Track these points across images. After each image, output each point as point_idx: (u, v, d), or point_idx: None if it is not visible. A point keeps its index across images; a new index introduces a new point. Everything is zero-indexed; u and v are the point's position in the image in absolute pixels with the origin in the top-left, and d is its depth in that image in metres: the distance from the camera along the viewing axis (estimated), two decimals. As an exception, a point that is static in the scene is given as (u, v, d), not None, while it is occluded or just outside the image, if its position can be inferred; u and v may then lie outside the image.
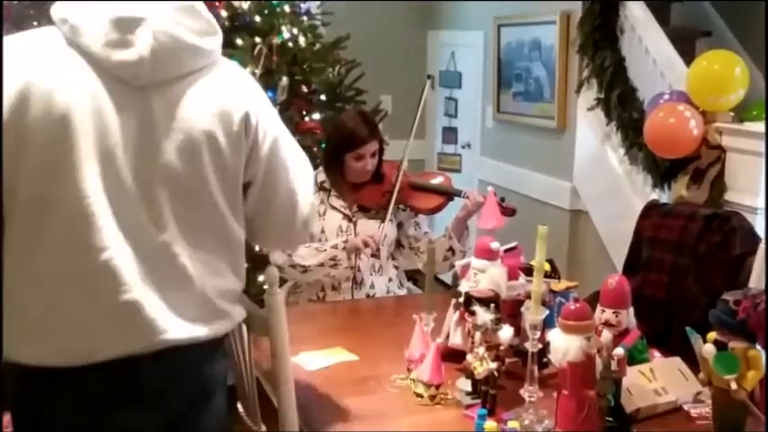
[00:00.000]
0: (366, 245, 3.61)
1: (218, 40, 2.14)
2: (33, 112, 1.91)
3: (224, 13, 4.89)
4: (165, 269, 2.05)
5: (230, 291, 2.19)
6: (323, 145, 4.40)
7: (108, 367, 1.99)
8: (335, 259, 3.65)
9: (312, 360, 2.86)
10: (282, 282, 3.65)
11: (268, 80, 4.96)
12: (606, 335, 2.35)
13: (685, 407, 2.49)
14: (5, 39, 1.97)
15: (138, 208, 2.01)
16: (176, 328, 2.05)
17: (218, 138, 2.08)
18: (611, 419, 2.27)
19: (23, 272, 1.97)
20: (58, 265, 1.96)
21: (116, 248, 1.98)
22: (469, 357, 2.48)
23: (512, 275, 2.78)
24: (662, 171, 4.43)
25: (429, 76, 4.16)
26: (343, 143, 3.74)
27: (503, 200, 3.55)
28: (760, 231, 3.09)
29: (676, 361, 2.63)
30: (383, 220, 3.75)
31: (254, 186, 2.22)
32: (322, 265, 3.65)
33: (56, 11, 2.00)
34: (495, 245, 2.74)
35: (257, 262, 4.44)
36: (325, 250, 3.66)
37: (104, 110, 1.97)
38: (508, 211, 3.55)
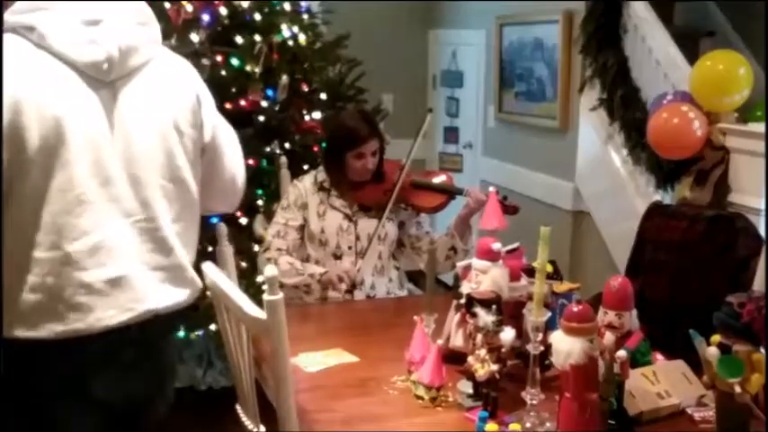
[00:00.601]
0: (341, 280, 3.61)
1: (158, 29, 2.43)
2: (27, 121, 2.12)
3: (224, 11, 4.88)
4: (150, 243, 2.33)
5: (193, 260, 2.51)
6: (323, 144, 4.38)
7: (101, 337, 2.24)
8: (309, 287, 3.67)
9: (311, 361, 2.85)
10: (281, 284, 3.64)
11: (268, 79, 4.95)
12: (609, 337, 2.34)
13: (689, 410, 2.48)
14: None
15: (123, 190, 2.28)
16: (161, 296, 2.35)
17: (180, 119, 2.41)
18: (613, 422, 2.26)
19: (23, 256, 2.17)
20: (58, 248, 2.18)
21: (107, 229, 2.24)
22: (471, 359, 2.47)
23: (513, 277, 2.77)
24: (665, 172, 4.42)
25: (430, 110, 4.14)
26: (344, 142, 3.73)
27: (505, 198, 3.54)
28: (764, 233, 3.07)
29: (680, 364, 2.62)
30: (380, 219, 3.74)
31: (204, 157, 2.54)
32: (296, 287, 3.65)
33: (17, 20, 2.21)
34: (496, 246, 2.72)
35: (256, 263, 4.44)
36: (303, 275, 3.67)
37: (85, 106, 2.23)
38: (510, 210, 3.54)
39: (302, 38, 5.25)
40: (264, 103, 4.93)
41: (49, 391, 2.26)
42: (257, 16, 5.01)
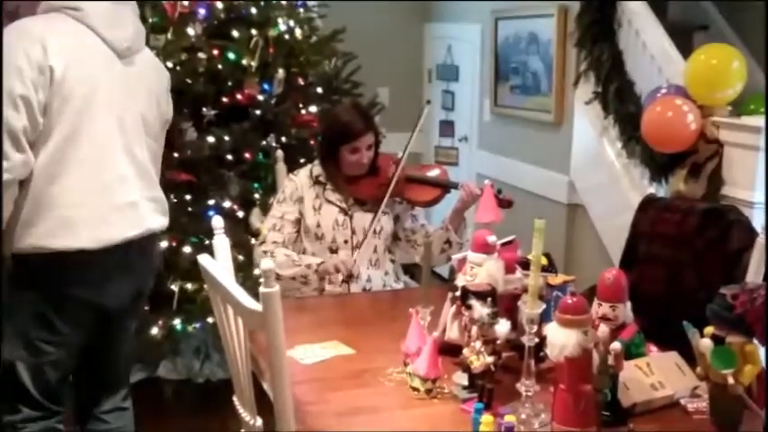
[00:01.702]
0: (337, 270, 3.61)
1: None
2: (73, 79, 2.86)
3: (220, 5, 4.89)
4: (146, 179, 3.17)
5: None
6: (319, 138, 4.38)
7: (113, 249, 2.99)
8: (306, 278, 3.67)
9: (308, 353, 2.86)
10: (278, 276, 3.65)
11: (264, 73, 4.96)
12: (603, 329, 2.35)
13: (682, 401, 2.48)
14: (36, 20, 2.94)
15: (132, 139, 3.09)
16: (155, 219, 3.22)
17: (161, 95, 3.28)
18: (607, 414, 2.27)
19: (57, 185, 2.86)
20: (86, 179, 2.92)
21: (122, 167, 3.04)
22: (466, 351, 2.48)
23: (509, 269, 2.78)
24: (659, 165, 4.43)
25: (428, 101, 4.14)
26: (339, 136, 3.73)
27: (500, 192, 3.54)
28: (757, 225, 3.09)
29: (673, 355, 2.62)
30: (376, 213, 3.75)
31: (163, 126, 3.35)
32: (293, 278, 3.66)
33: (69, 5, 2.94)
34: (491, 239, 2.73)
35: (253, 256, 4.45)
36: (300, 266, 3.67)
37: (110, 73, 3.01)
38: (505, 203, 3.55)
39: (298, 32, 5.26)
40: (261, 97, 4.94)
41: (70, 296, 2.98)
42: (253, 10, 5.02)
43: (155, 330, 4.61)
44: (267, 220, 3.84)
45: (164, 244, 4.56)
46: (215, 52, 4.82)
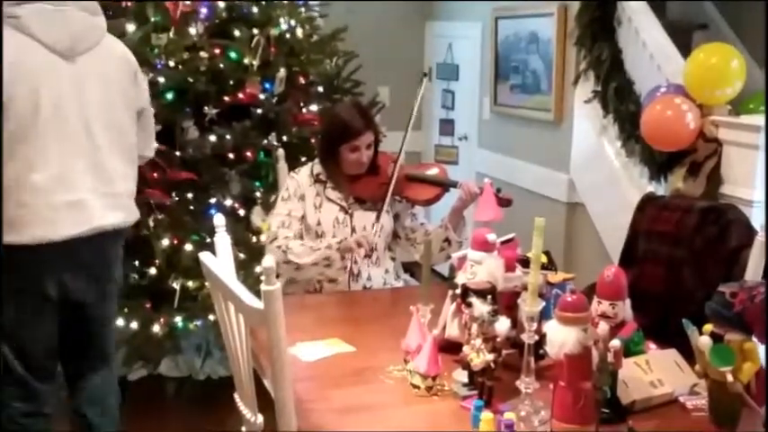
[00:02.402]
0: (360, 245, 3.61)
1: (104, 18, 3.30)
2: (20, 91, 3.01)
3: (221, 5, 4.90)
4: (101, 176, 3.22)
5: (132, 192, 3.42)
6: (319, 137, 4.39)
7: (56, 246, 3.10)
8: (329, 259, 3.66)
9: (309, 351, 2.87)
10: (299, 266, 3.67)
11: (266, 72, 4.97)
12: (602, 327, 2.36)
13: (681, 399, 2.49)
14: None
15: (82, 138, 3.16)
16: (107, 216, 3.25)
17: (124, 79, 3.33)
18: (607, 411, 2.28)
19: (22, 182, 3.04)
20: (24, 180, 3.04)
21: (65, 166, 3.12)
22: (466, 349, 2.49)
23: (508, 267, 2.79)
24: (658, 164, 4.44)
25: (425, 73, 4.15)
26: (338, 135, 3.74)
27: (499, 190, 3.54)
28: (756, 224, 3.10)
29: (672, 353, 2.63)
30: (379, 212, 3.75)
31: (139, 113, 3.45)
32: (315, 263, 3.66)
33: (7, 13, 3.03)
34: (491, 237, 2.74)
35: (254, 253, 4.46)
36: (319, 249, 3.66)
37: (54, 74, 3.10)
38: (504, 202, 3.55)
39: (299, 31, 5.27)
40: (262, 96, 4.95)
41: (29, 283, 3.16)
42: (254, 9, 5.03)
43: (156, 328, 4.62)
44: (274, 219, 3.83)
45: (165, 242, 4.58)
46: (217, 51, 4.83)
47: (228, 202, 4.77)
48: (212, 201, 4.77)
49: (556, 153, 5.69)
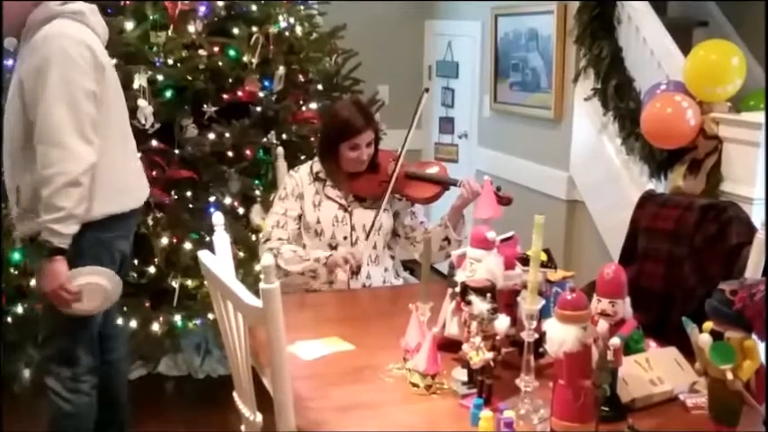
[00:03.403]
0: (346, 262, 3.61)
1: None
2: (109, 70, 3.43)
3: (220, 3, 4.90)
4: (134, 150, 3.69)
5: None
6: (319, 134, 4.39)
7: (134, 212, 3.57)
8: (315, 272, 3.67)
9: (308, 349, 2.86)
10: (287, 272, 3.66)
11: (265, 70, 4.96)
12: (602, 325, 2.35)
13: (681, 397, 2.49)
14: (64, 27, 3.24)
15: (126, 115, 3.62)
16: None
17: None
18: (606, 409, 2.27)
19: (105, 161, 3.29)
20: (122, 153, 3.50)
21: (132, 140, 3.65)
22: (465, 347, 2.48)
23: (508, 265, 2.78)
24: (658, 161, 4.44)
25: (426, 89, 4.14)
26: (338, 133, 3.73)
27: (498, 189, 3.54)
28: (756, 221, 3.09)
29: (672, 351, 2.63)
30: (378, 210, 3.75)
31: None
32: (302, 273, 3.66)
33: (71, 9, 3.29)
34: (491, 235, 2.73)
35: (253, 252, 4.45)
36: (308, 261, 3.67)
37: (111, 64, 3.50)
38: (504, 201, 3.54)
39: (298, 29, 5.27)
40: (261, 94, 4.94)
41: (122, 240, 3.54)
42: (253, 7, 5.03)
43: (155, 327, 4.62)
44: (270, 218, 3.83)
45: (164, 240, 4.58)
46: (215, 49, 4.82)
47: (228, 201, 4.77)
48: (211, 199, 4.77)
49: (556, 151, 5.69)
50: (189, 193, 4.77)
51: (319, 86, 5.40)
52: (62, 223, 3.14)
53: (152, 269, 4.67)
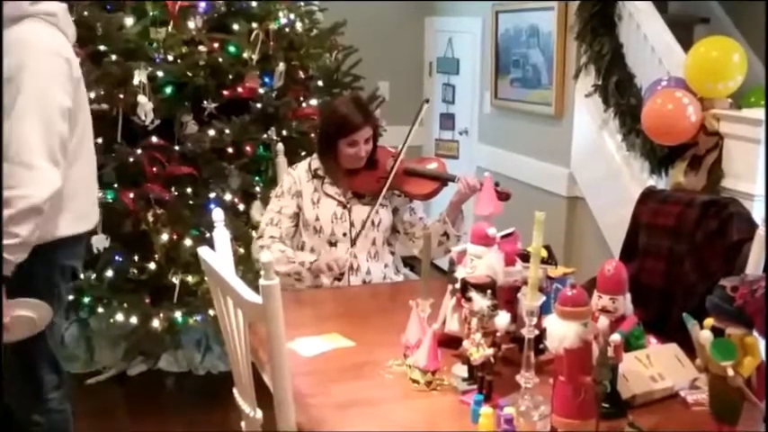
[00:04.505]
0: (330, 269, 3.61)
1: None
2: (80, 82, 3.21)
3: (220, -1, 4.90)
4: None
5: None
6: (318, 131, 4.38)
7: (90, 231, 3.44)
8: (300, 275, 3.67)
9: (308, 346, 2.86)
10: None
11: (265, 66, 4.96)
12: (603, 321, 2.35)
13: (682, 393, 2.49)
14: (38, 32, 3.01)
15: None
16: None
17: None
18: (607, 405, 2.27)
19: (69, 183, 3.09)
20: (88, 174, 3.34)
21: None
22: (466, 343, 2.48)
23: (508, 261, 2.78)
24: (659, 157, 4.43)
25: (426, 100, 4.13)
26: (337, 129, 3.72)
27: (497, 184, 3.53)
28: (757, 218, 3.09)
29: (673, 347, 2.63)
30: (373, 206, 3.75)
31: None
32: (288, 275, 3.66)
33: (44, 10, 3.05)
34: (491, 231, 2.73)
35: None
36: (294, 263, 3.67)
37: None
38: (503, 196, 3.54)
39: (299, 25, 5.27)
40: (261, 90, 4.94)
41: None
42: (253, 3, 5.02)
43: (156, 323, 4.62)
44: (265, 215, 3.84)
45: (164, 237, 4.58)
46: (215, 45, 4.82)
47: (228, 197, 4.77)
48: (212, 195, 4.77)
49: (556, 147, 5.68)
50: (189, 190, 4.77)
51: (319, 83, 5.40)
52: (14, 253, 2.88)
53: (152, 265, 4.67)
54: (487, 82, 6.69)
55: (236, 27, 4.93)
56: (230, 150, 4.86)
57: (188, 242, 4.61)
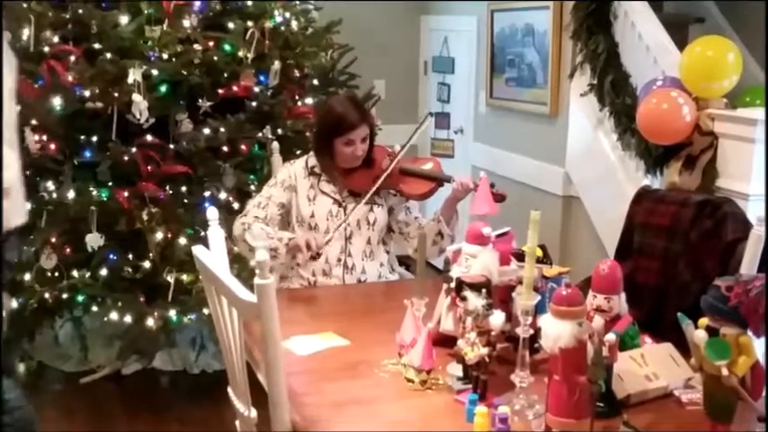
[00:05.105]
0: (308, 247, 3.58)
1: None
2: None
3: (215, -3, 4.90)
4: None
5: None
6: (314, 129, 4.38)
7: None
8: (276, 251, 3.64)
9: (303, 344, 2.86)
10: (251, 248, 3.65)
11: (260, 64, 4.96)
12: (598, 320, 2.36)
13: (676, 392, 2.49)
14: None
15: None
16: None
17: None
18: (601, 405, 2.27)
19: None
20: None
21: None
22: (461, 343, 2.48)
23: (503, 261, 2.78)
24: (654, 157, 4.43)
25: (431, 113, 4.13)
26: (333, 128, 3.72)
27: (492, 185, 3.53)
28: (752, 217, 3.09)
29: (668, 347, 2.63)
30: (372, 205, 3.75)
31: None
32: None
33: None
34: (486, 230, 2.73)
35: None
36: (272, 239, 3.65)
37: None
38: (498, 197, 3.53)
39: (294, 23, 5.27)
40: (256, 89, 4.94)
41: None
42: (249, 2, 5.03)
43: (150, 322, 4.62)
44: (254, 198, 3.84)
45: (159, 235, 4.57)
46: (211, 44, 4.82)
47: (223, 196, 4.77)
48: (206, 194, 4.77)
49: (551, 146, 5.68)
50: (184, 188, 4.77)
51: (315, 81, 5.40)
52: None
53: (147, 264, 4.67)
54: (483, 81, 6.69)
55: (231, 25, 4.93)
56: (225, 149, 4.86)
57: (183, 241, 4.60)
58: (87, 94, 4.62)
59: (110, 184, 4.69)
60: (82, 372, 5.15)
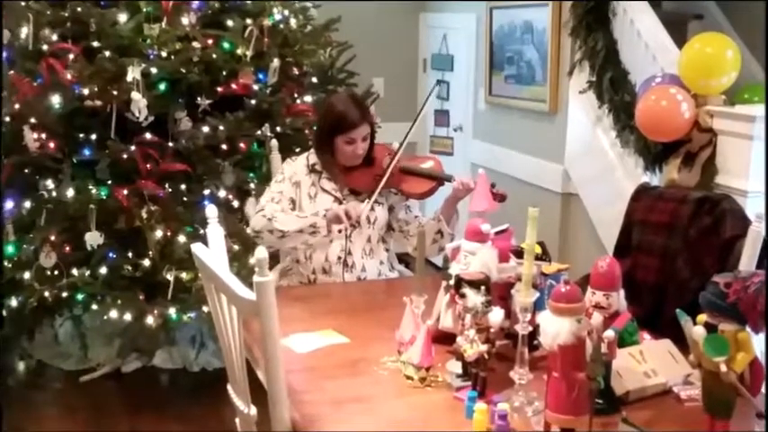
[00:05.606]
0: (348, 216, 3.58)
1: None
2: None
3: (214, -5, 4.90)
4: None
5: None
6: (315, 127, 4.38)
7: None
8: (315, 226, 3.63)
9: (302, 342, 2.86)
10: (272, 265, 3.64)
11: (259, 62, 4.96)
12: (596, 317, 2.35)
13: (675, 389, 2.49)
14: None
15: None
16: None
17: None
18: (600, 402, 2.27)
19: None
20: None
21: None
22: (460, 340, 2.48)
23: (502, 258, 2.78)
24: (653, 154, 4.43)
25: (439, 81, 4.12)
26: (334, 126, 3.72)
27: (493, 185, 3.53)
28: (750, 214, 3.09)
29: (666, 343, 2.63)
30: (368, 199, 3.75)
31: None
32: (301, 231, 3.63)
33: None
34: (485, 227, 2.73)
35: (248, 245, 4.45)
36: (306, 217, 3.65)
37: None
38: (498, 197, 3.54)
39: (293, 21, 5.27)
40: (255, 87, 4.94)
41: None
42: (248, 0, 5.02)
43: (150, 320, 4.62)
44: (265, 195, 3.82)
45: (158, 233, 4.57)
46: (209, 42, 4.82)
47: (222, 194, 4.77)
48: (206, 192, 4.77)
49: (550, 144, 5.69)
50: (183, 186, 4.77)
51: (314, 79, 5.40)
52: None
53: (146, 262, 4.67)
54: (482, 78, 6.69)
55: (230, 23, 4.93)
56: (224, 147, 4.86)
57: (182, 239, 4.60)
58: (86, 92, 4.63)
59: (109, 182, 4.69)
60: (82, 370, 5.15)
